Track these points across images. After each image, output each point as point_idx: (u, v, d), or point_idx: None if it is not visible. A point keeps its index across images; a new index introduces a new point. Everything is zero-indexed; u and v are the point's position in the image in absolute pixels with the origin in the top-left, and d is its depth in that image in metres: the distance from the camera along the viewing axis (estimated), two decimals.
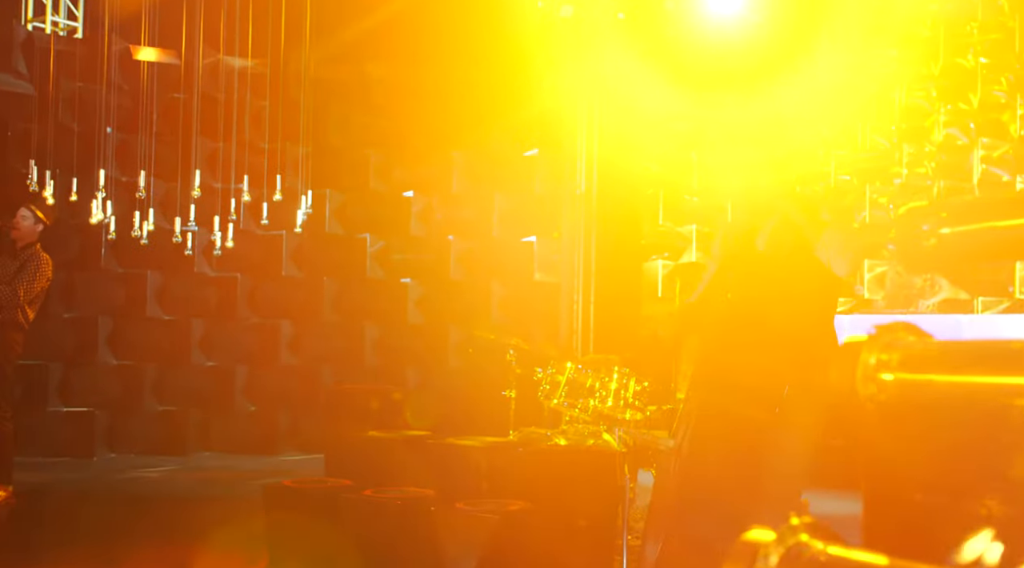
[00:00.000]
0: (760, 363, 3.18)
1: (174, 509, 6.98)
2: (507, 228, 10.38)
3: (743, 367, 3.18)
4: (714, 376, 3.28)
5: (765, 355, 3.19)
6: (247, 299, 10.13)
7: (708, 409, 3.16)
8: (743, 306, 3.40)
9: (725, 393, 3.21)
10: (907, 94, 10.73)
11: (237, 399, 9.98)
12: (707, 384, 3.25)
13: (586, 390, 5.92)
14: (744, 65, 8.34)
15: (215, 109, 9.86)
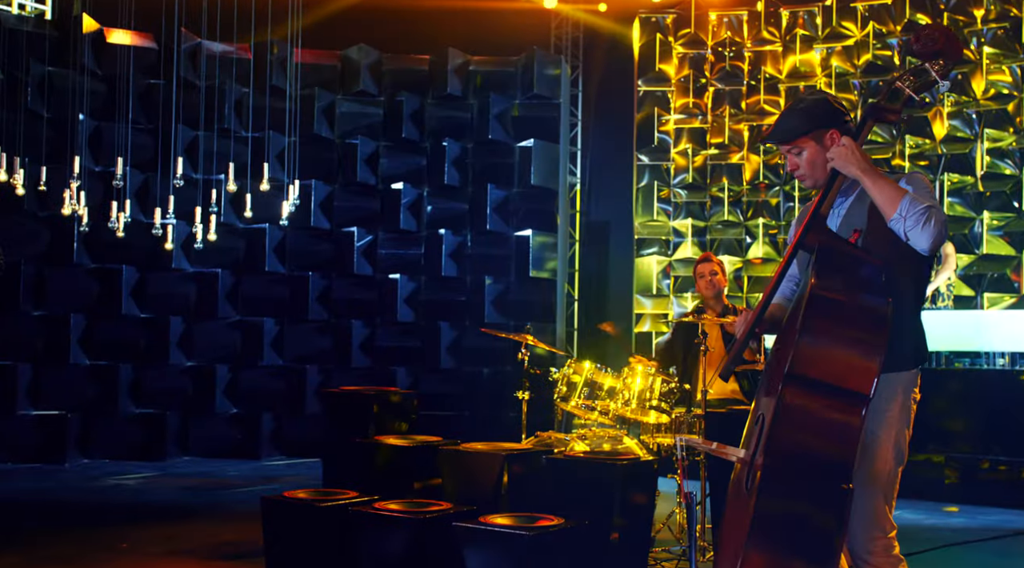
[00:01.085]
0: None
1: (156, 521, 6.49)
2: (502, 221, 9.99)
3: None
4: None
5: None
6: (228, 296, 9.63)
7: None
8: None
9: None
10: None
11: (218, 401, 9.50)
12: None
13: (605, 391, 5.52)
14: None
15: (195, 96, 9.35)
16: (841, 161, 3.03)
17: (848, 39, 10.87)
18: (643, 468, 4.62)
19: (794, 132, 3.19)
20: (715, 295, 6.05)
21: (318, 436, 9.41)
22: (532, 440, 5.56)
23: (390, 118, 10.07)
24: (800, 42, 11.05)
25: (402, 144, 10.06)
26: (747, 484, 2.81)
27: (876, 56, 10.67)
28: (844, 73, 10.86)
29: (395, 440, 5.36)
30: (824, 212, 3.09)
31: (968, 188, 10.14)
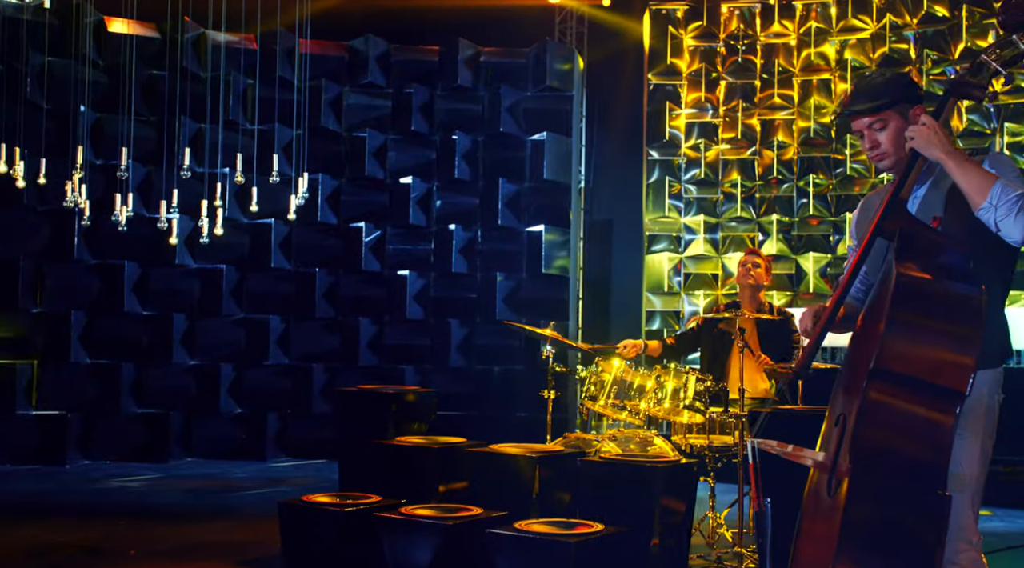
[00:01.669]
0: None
1: (164, 525, 6.26)
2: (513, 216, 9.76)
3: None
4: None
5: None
6: (233, 292, 9.39)
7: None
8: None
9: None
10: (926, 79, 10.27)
11: (222, 401, 9.25)
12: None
13: (635, 390, 5.30)
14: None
15: (199, 87, 9.11)
16: (922, 141, 2.80)
17: (863, 32, 10.68)
18: (683, 471, 4.41)
19: (881, 102, 2.95)
20: (751, 288, 5.83)
21: (325, 437, 9.23)
22: (559, 441, 5.33)
23: (399, 110, 9.82)
24: (814, 35, 10.85)
25: (411, 137, 9.82)
26: (830, 490, 2.59)
27: (892, 50, 10.48)
28: (860, 66, 10.66)
29: (418, 441, 5.14)
30: (904, 196, 2.87)
31: None
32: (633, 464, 4.37)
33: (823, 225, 10.75)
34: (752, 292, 5.86)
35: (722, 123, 11.11)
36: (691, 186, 11.10)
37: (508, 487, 4.57)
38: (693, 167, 11.10)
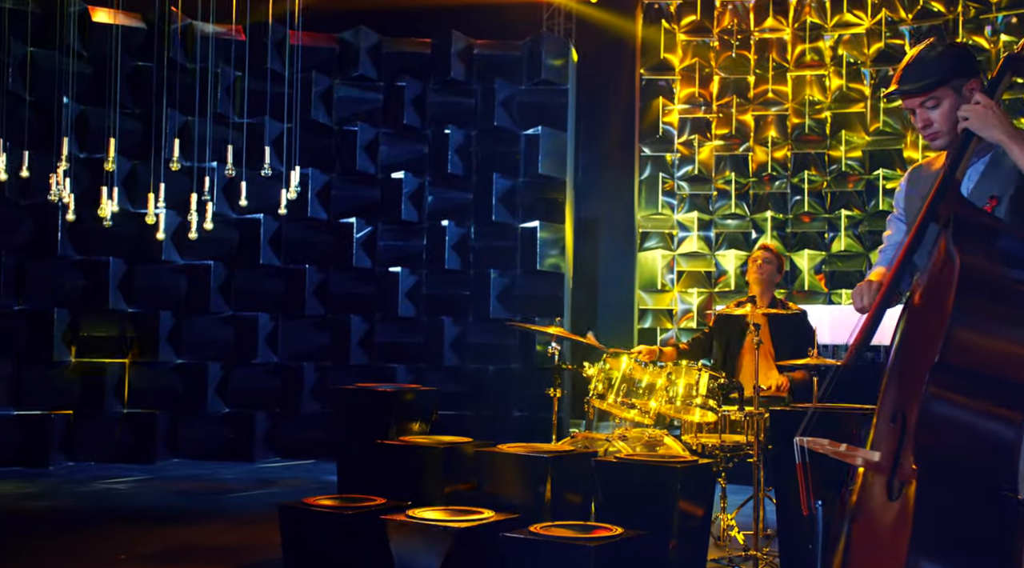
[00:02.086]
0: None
1: (153, 528, 6.05)
2: (507, 212, 9.59)
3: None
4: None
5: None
6: (221, 289, 9.17)
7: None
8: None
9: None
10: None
11: (209, 400, 9.03)
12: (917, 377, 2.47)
13: (644, 388, 5.14)
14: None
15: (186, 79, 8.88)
16: (979, 122, 2.65)
17: (858, 27, 10.58)
18: (701, 471, 4.25)
19: (933, 80, 2.80)
20: (763, 284, 5.69)
21: (315, 437, 9.06)
22: (566, 441, 5.17)
23: (390, 104, 9.62)
24: (809, 30, 10.74)
25: (403, 131, 9.62)
26: (892, 493, 2.43)
27: (888, 45, 10.39)
28: (854, 62, 10.57)
29: (422, 440, 4.96)
30: (959, 177, 2.71)
31: None
32: (650, 464, 4.21)
33: (817, 222, 10.64)
34: (764, 288, 5.72)
35: (716, 119, 10.99)
36: (684, 182, 10.97)
37: (518, 489, 4.40)
38: (686, 163, 10.98)
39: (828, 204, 10.65)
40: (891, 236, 3.17)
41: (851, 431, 3.83)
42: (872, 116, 10.46)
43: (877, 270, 3.07)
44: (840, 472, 2.83)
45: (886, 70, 10.48)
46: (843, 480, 2.83)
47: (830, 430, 3.25)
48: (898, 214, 3.15)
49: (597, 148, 11.26)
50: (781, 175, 10.78)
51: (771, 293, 5.73)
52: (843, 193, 10.60)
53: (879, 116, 10.39)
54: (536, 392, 9.28)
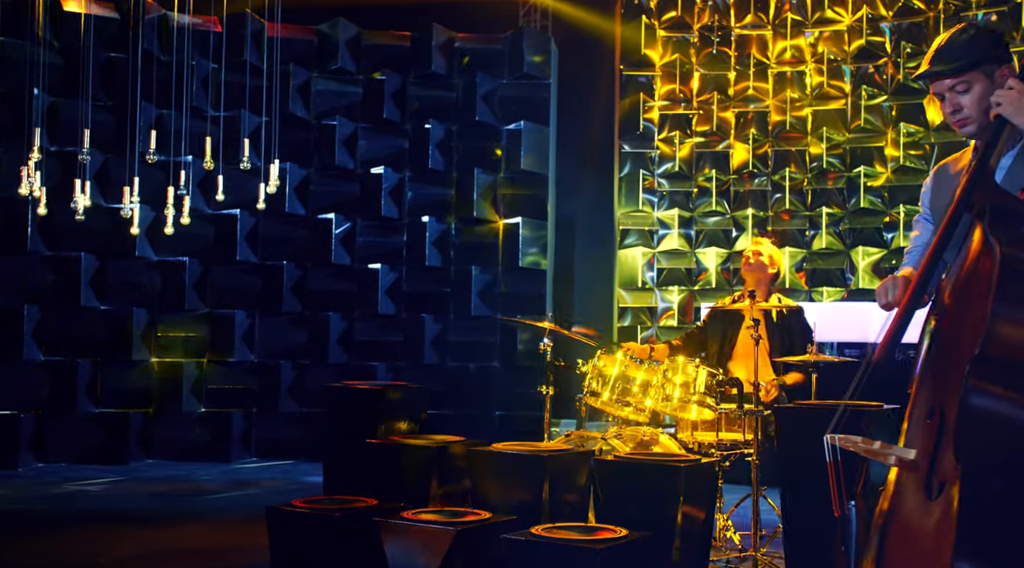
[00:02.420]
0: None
1: (131, 531, 5.87)
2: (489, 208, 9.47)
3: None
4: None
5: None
6: (196, 286, 8.98)
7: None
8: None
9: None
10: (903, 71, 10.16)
11: (184, 399, 8.84)
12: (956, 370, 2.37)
13: (639, 385, 5.03)
14: None
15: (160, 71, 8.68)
16: (1011, 108, 2.55)
17: (839, 24, 10.54)
18: (704, 470, 4.14)
19: (964, 63, 2.70)
20: (757, 277, 5.58)
21: (293, 436, 8.91)
22: (561, 439, 5.05)
23: (370, 98, 9.46)
24: (790, 27, 10.68)
25: (383, 125, 9.47)
26: (931, 492, 2.33)
27: (869, 42, 10.35)
28: (834, 59, 10.53)
29: (413, 440, 4.82)
30: (993, 166, 2.62)
31: None
32: (653, 464, 4.10)
33: (798, 220, 10.59)
34: (758, 281, 5.62)
35: (696, 116, 10.92)
36: (664, 180, 10.89)
37: (515, 489, 4.27)
38: (666, 160, 10.89)
39: (809, 201, 10.60)
40: (918, 236, 3.08)
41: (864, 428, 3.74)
42: (853, 113, 10.42)
43: (905, 270, 2.98)
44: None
45: (866, 67, 10.45)
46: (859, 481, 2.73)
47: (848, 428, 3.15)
48: (924, 214, 3.07)
49: (576, 144, 11.14)
50: (761, 172, 10.72)
51: (765, 288, 5.63)
52: (824, 190, 10.55)
53: (860, 113, 10.34)
54: (518, 391, 9.22)
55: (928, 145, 10.09)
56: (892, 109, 10.32)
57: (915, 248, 3.07)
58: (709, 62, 10.88)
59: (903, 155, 10.11)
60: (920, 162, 10.12)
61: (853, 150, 10.44)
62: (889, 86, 10.31)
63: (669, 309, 10.85)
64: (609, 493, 4.11)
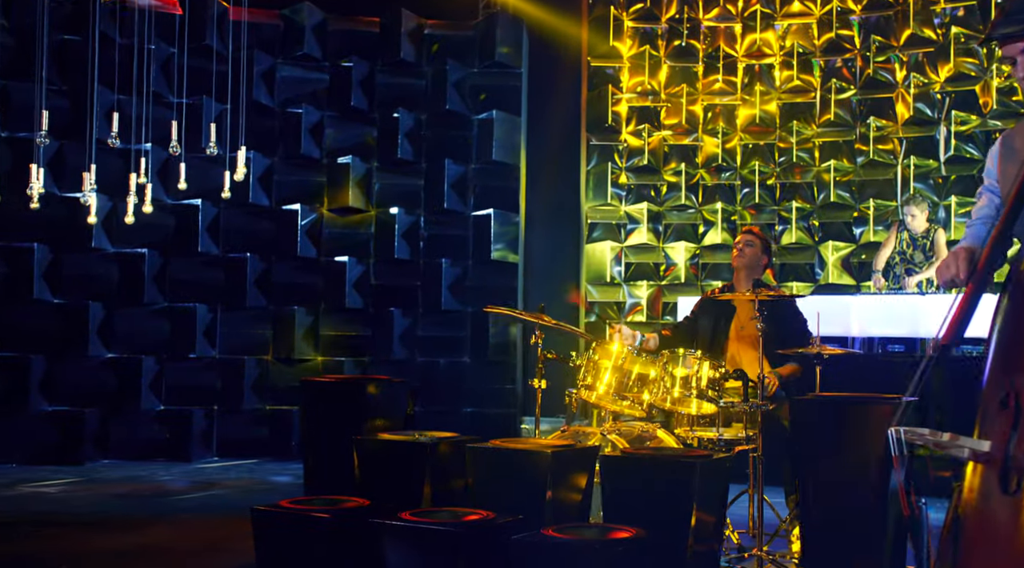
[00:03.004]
0: None
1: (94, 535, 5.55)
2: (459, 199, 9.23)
3: None
4: None
5: None
6: (155, 279, 8.63)
7: None
8: None
9: None
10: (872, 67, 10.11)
11: (143, 397, 8.49)
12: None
13: (636, 379, 4.84)
14: None
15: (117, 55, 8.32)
16: None
17: (808, 17, 10.47)
18: (717, 466, 3.96)
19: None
20: (747, 270, 5.42)
21: (257, 435, 8.63)
22: (556, 435, 4.84)
23: (337, 85, 9.17)
24: (759, 19, 10.59)
25: (350, 114, 9.18)
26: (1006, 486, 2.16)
27: (838, 35, 10.30)
28: (804, 52, 10.46)
29: (403, 437, 4.58)
30: None
31: (932, 172, 9.85)
32: (666, 460, 3.91)
33: (766, 214, 10.51)
34: (748, 273, 5.46)
35: (664, 109, 10.79)
36: (633, 173, 10.75)
37: (517, 487, 4.05)
38: (635, 154, 10.76)
39: (777, 196, 10.53)
40: (982, 208, 2.91)
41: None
42: (822, 107, 10.36)
43: (966, 243, 2.80)
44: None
45: (835, 61, 10.40)
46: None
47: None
48: (989, 185, 2.90)
49: (543, 136, 10.92)
50: (730, 166, 10.63)
51: (757, 278, 5.47)
52: (793, 185, 10.48)
53: (829, 107, 10.28)
54: (489, 387, 9.01)
55: (897, 139, 10.05)
56: (861, 103, 10.27)
57: (977, 221, 2.89)
58: (677, 55, 10.76)
59: (872, 150, 10.06)
60: (889, 157, 10.08)
61: (822, 144, 10.38)
62: (858, 80, 10.26)
63: (637, 304, 10.71)
64: (618, 490, 3.91)
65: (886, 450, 2.33)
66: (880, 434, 3.78)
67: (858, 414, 3.91)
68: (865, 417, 3.88)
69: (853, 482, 3.82)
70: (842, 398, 4.03)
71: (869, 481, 3.78)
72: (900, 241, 8.40)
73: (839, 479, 3.83)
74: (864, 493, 3.79)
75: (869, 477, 3.78)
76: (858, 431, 3.85)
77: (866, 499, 3.72)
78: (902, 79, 10.04)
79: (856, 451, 3.86)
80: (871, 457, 3.73)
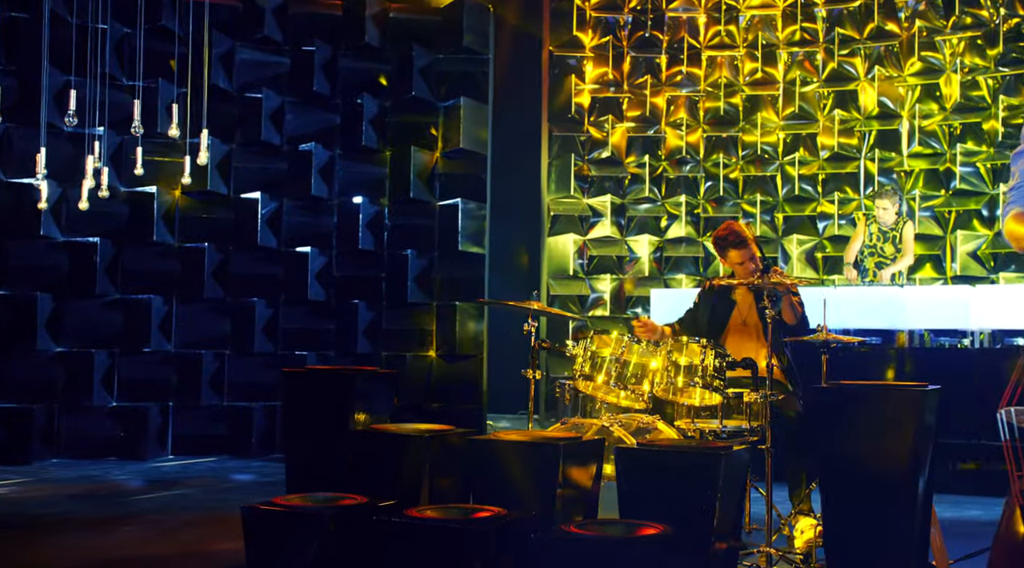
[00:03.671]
0: None
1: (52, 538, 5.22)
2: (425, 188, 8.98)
3: None
4: None
5: None
6: (107, 270, 8.25)
7: None
8: None
9: None
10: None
11: (95, 393, 8.11)
12: None
13: (634, 369, 4.66)
14: None
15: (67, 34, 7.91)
16: None
17: (772, 9, 10.40)
18: (739, 458, 3.78)
19: None
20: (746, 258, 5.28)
21: (216, 432, 8.33)
22: (557, 427, 4.63)
23: (298, 69, 8.86)
24: (724, 11, 10.49)
25: (312, 99, 8.88)
26: None
27: (803, 28, 10.24)
28: (768, 45, 10.39)
29: (396, 429, 4.34)
30: None
31: (896, 165, 9.85)
32: (687, 452, 3.72)
33: (730, 207, 10.42)
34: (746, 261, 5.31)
35: (627, 100, 10.65)
36: (596, 165, 10.58)
37: (524, 481, 3.84)
38: (598, 146, 10.59)
39: (741, 189, 10.44)
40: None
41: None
42: (786, 100, 10.29)
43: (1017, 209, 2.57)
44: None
45: (799, 53, 10.34)
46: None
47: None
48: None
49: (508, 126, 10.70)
50: (694, 159, 10.52)
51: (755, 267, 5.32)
52: (757, 178, 10.40)
53: (793, 100, 10.22)
54: (456, 382, 8.77)
55: (860, 132, 10.03)
56: (826, 96, 10.23)
57: (1021, 185, 2.65)
58: (640, 46, 10.62)
59: (837, 143, 10.02)
60: (852, 151, 10.05)
61: (786, 137, 10.32)
62: (822, 73, 10.22)
63: (600, 299, 10.55)
64: (636, 485, 3.71)
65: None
66: (905, 421, 3.66)
67: (883, 401, 3.79)
68: (890, 404, 3.76)
69: (878, 468, 3.69)
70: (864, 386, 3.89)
71: (896, 467, 3.67)
72: (869, 234, 8.38)
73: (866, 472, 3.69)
74: (890, 479, 3.66)
75: (895, 463, 3.67)
76: (884, 418, 3.73)
77: (892, 486, 3.59)
78: (865, 72, 10.02)
79: (881, 437, 3.73)
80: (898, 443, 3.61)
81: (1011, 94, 9.27)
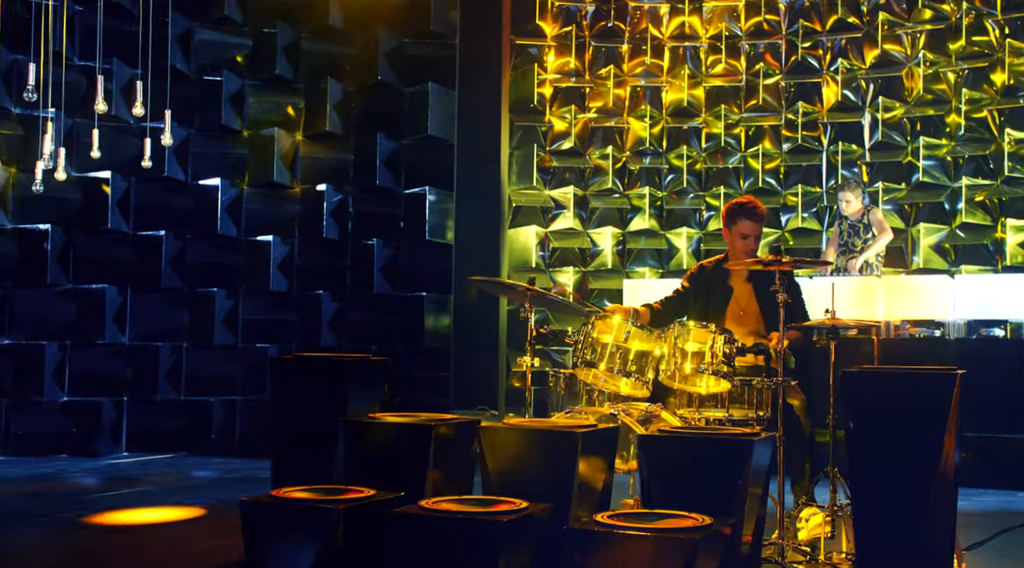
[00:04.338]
0: None
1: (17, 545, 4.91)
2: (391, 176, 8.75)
3: None
4: None
5: None
6: (59, 258, 7.90)
7: None
8: None
9: None
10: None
11: (46, 386, 7.78)
12: None
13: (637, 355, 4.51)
14: None
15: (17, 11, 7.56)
16: None
17: (737, 0, 10.35)
18: (765, 445, 3.64)
19: None
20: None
21: (174, 427, 8.04)
22: (561, 415, 4.46)
23: (260, 52, 8.58)
24: (687, 2, 10.41)
25: (274, 83, 8.60)
26: None
27: (766, 20, 10.21)
28: (731, 36, 10.33)
29: (396, 418, 4.13)
30: None
31: (858, 158, 9.86)
32: (717, 439, 3.57)
33: (694, 200, 10.35)
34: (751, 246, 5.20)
35: (589, 90, 10.52)
36: (557, 156, 10.43)
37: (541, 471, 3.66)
38: (561, 137, 10.44)
39: (704, 181, 10.37)
40: None
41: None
42: (749, 92, 10.25)
43: None
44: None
45: (759, 45, 10.31)
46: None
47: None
48: None
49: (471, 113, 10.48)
50: (657, 151, 10.42)
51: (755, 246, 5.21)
52: (720, 170, 10.34)
53: (756, 92, 10.18)
54: (421, 375, 8.55)
55: (823, 125, 10.03)
56: (788, 88, 10.21)
57: None
58: (603, 36, 10.49)
59: (800, 135, 10.00)
60: (815, 143, 10.04)
61: (748, 129, 10.28)
62: (784, 65, 10.20)
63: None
64: (659, 473, 3.55)
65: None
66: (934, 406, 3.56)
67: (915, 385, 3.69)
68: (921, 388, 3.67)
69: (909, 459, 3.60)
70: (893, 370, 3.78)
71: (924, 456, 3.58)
72: (839, 233, 8.42)
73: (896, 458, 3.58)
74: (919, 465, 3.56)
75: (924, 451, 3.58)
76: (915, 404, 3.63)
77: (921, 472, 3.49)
78: (828, 64, 10.02)
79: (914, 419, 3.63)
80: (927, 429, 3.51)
81: (973, 88, 9.32)
